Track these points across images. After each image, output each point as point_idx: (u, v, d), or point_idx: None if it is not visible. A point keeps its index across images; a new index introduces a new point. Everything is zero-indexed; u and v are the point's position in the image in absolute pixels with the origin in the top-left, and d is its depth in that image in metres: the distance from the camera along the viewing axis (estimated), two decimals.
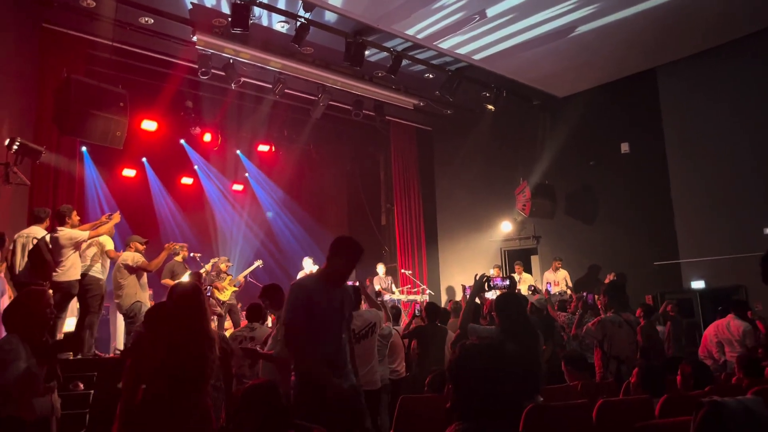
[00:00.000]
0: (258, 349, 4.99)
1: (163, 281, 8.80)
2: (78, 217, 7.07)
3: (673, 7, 9.21)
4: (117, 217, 7.26)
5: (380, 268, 12.35)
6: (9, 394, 2.98)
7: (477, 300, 5.00)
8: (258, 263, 11.15)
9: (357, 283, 6.90)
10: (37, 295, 3.34)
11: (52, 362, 3.18)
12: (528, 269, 12.09)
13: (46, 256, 6.69)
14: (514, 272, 11.91)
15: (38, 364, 3.10)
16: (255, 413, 2.50)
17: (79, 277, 6.88)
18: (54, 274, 6.69)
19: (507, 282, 6.30)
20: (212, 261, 10.15)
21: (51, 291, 6.78)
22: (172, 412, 3.00)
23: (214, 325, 8.97)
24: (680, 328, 9.09)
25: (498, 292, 10.83)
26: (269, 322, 8.65)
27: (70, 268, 6.76)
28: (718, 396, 1.78)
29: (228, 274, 10.29)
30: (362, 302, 5.50)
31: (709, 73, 10.77)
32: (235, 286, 10.12)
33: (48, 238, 6.71)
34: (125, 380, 3.33)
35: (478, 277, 4.30)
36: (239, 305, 9.94)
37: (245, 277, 10.62)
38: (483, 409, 1.72)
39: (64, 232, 6.72)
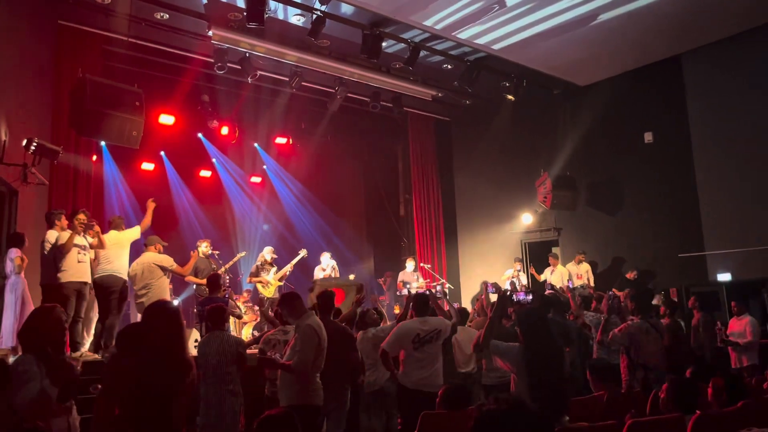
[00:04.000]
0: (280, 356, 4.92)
1: (187, 278, 8.78)
2: (66, 222, 7.00)
3: None
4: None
5: (410, 264, 12.09)
6: (24, 415, 2.94)
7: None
8: (302, 253, 10.80)
9: (428, 291, 6.94)
10: (45, 312, 3.30)
11: (68, 382, 3.13)
12: (546, 262, 11.89)
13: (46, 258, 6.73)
14: (549, 264, 11.74)
15: (53, 384, 3.06)
16: None
17: (78, 279, 6.84)
18: (57, 276, 6.71)
19: (530, 297, 6.16)
20: (262, 253, 10.02)
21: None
22: None
23: (232, 326, 8.97)
24: (709, 322, 8.87)
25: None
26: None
27: (66, 271, 6.73)
28: (752, 408, 1.66)
29: (273, 266, 10.17)
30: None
31: (736, 58, 10.42)
32: (279, 280, 10.03)
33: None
34: (97, 403, 3.25)
35: (500, 293, 4.18)
36: None
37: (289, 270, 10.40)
38: None
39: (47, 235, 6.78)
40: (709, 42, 10.60)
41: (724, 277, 10.30)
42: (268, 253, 10.25)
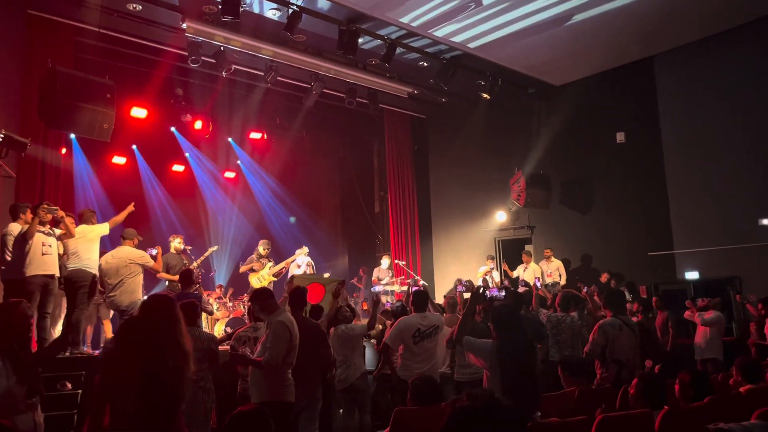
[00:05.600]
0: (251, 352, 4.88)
1: (158, 275, 8.63)
2: (31, 215, 6.78)
3: None
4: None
5: (385, 261, 12.21)
6: None
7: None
8: (301, 251, 10.50)
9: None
10: (9, 307, 3.21)
11: (33, 378, 3.06)
12: (520, 260, 12.00)
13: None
14: (522, 261, 11.83)
15: (19, 381, 2.99)
16: None
17: (43, 273, 6.61)
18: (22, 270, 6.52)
19: (503, 293, 6.23)
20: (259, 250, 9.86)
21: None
22: None
23: (204, 323, 8.88)
24: (674, 319, 9.05)
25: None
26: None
27: (30, 264, 6.52)
28: (718, 404, 1.71)
29: (269, 260, 9.97)
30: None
31: (706, 61, 10.63)
32: (274, 276, 9.86)
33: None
34: (93, 401, 3.19)
35: (473, 290, 4.20)
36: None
37: (284, 267, 10.18)
38: None
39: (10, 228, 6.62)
40: (680, 45, 10.80)
41: (692, 275, 10.52)
42: (262, 246, 10.07)
